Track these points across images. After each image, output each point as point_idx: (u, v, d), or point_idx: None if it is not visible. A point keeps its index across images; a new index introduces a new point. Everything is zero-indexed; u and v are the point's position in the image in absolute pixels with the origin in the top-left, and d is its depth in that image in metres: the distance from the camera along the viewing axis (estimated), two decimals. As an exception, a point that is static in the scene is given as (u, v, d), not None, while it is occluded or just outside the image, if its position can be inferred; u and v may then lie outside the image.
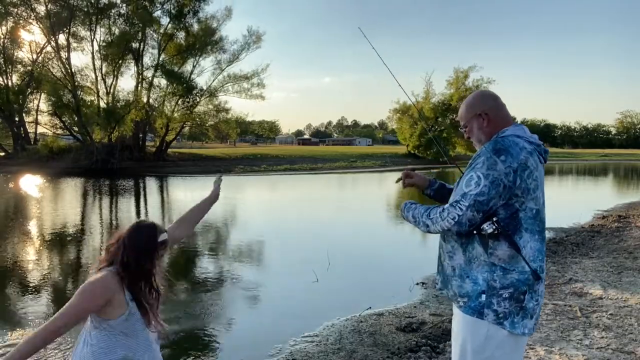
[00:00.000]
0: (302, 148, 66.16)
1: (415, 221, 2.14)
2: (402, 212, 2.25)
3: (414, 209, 2.16)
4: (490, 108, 2.13)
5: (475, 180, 1.94)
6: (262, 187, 23.66)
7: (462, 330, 2.04)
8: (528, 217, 1.96)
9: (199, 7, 37.45)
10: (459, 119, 2.24)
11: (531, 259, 1.95)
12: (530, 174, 1.95)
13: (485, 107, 2.13)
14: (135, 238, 2.12)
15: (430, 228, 2.06)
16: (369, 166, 40.33)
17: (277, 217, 13.68)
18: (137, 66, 37.10)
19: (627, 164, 53.91)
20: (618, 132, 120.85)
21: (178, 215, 2.66)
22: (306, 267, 7.18)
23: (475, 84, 45.69)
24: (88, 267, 7.58)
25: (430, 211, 2.07)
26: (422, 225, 2.09)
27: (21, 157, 32.29)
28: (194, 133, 53.20)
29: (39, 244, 9.20)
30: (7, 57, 34.22)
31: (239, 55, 39.42)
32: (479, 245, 1.98)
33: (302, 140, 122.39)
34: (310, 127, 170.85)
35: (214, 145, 62.84)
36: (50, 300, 5.86)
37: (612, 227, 10.41)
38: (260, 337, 4.77)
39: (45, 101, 35.55)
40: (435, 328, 4.61)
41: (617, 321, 4.49)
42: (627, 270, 6.47)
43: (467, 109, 2.18)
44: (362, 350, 4.13)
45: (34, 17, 33.91)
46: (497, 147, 1.96)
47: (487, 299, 1.95)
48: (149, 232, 2.15)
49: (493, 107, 2.13)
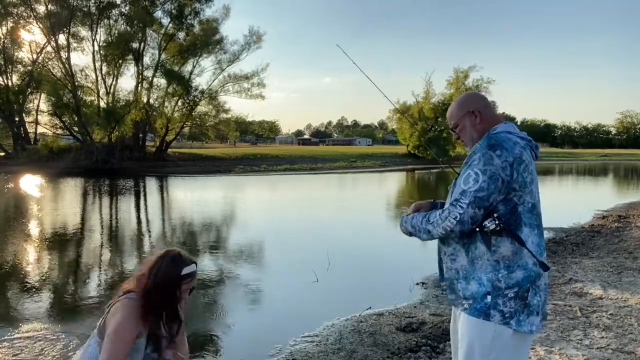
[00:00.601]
0: (302, 148, 66.16)
1: (416, 230, 2.11)
2: (401, 226, 2.21)
3: (412, 218, 2.14)
4: (482, 106, 2.15)
5: (473, 177, 1.93)
6: (262, 187, 23.65)
7: (468, 332, 2.01)
8: (526, 210, 1.97)
9: (200, 9, 37.51)
10: (449, 119, 2.23)
11: (534, 253, 1.95)
12: (526, 167, 1.96)
13: (478, 105, 2.14)
14: (159, 267, 2.09)
15: (432, 233, 2.04)
16: (369, 166, 40.32)
17: (277, 217, 13.67)
18: (137, 66, 37.12)
19: (627, 164, 53.90)
20: (618, 132, 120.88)
21: (178, 215, 2.64)
22: (306, 267, 7.18)
23: (475, 84, 45.73)
24: (88, 267, 7.58)
25: (430, 215, 2.06)
26: (424, 232, 2.07)
27: (21, 157, 32.29)
28: (194, 133, 53.25)
29: (39, 243, 9.19)
30: (7, 57, 34.20)
31: (240, 55, 39.47)
32: (481, 243, 1.97)
33: (302, 140, 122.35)
34: (310, 127, 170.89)
35: (214, 145, 62.84)
36: (50, 300, 5.85)
37: (612, 227, 10.40)
38: (260, 337, 4.77)
39: (45, 101, 35.61)
40: (435, 328, 4.61)
41: (617, 321, 4.49)
42: (627, 270, 6.47)
43: (458, 107, 2.18)
44: (362, 350, 4.13)
45: (34, 17, 33.94)
46: (492, 142, 1.97)
47: (492, 299, 1.94)
48: (173, 262, 2.12)
49: (484, 106, 2.16)
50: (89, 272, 7.31)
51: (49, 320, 5.10)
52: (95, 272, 7.31)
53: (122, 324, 1.99)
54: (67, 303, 5.79)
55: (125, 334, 1.98)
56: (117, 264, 7.87)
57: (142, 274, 2.12)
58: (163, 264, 2.10)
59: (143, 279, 2.08)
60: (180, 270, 2.10)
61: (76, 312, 5.43)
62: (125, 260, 8.15)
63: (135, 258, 8.47)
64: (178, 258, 2.13)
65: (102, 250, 8.97)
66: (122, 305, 2.04)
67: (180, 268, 2.11)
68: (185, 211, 14.62)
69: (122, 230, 11.39)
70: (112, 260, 8.17)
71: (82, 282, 6.80)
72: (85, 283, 6.73)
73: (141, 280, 2.09)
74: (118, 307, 2.05)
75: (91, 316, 5.26)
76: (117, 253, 8.77)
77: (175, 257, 2.13)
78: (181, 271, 2.10)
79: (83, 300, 5.90)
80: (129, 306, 2.04)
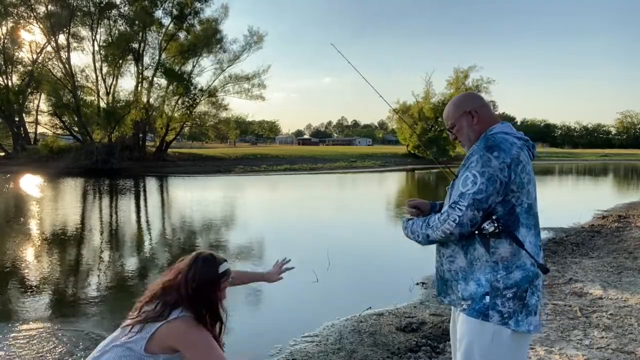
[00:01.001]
0: (302, 148, 66.15)
1: (415, 235, 2.12)
2: (404, 231, 2.22)
3: (412, 223, 2.15)
4: (479, 106, 2.14)
5: (471, 179, 1.93)
6: (262, 187, 23.65)
7: (467, 333, 2.02)
8: (523, 211, 1.97)
9: (200, 8, 37.52)
10: (446, 120, 2.22)
11: (532, 253, 1.95)
12: (524, 168, 1.96)
13: (475, 105, 2.14)
14: (195, 270, 2.04)
15: (431, 237, 2.04)
16: (369, 166, 40.30)
17: (277, 217, 13.67)
18: (138, 66, 37.13)
19: (627, 164, 53.89)
20: (618, 132, 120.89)
21: (178, 215, 2.64)
22: (306, 267, 7.17)
23: (475, 84, 45.73)
24: (88, 267, 7.58)
25: (429, 220, 2.06)
26: (423, 237, 2.08)
27: (21, 157, 32.29)
28: (194, 133, 53.28)
29: (39, 243, 9.19)
30: (7, 57, 34.20)
31: (240, 55, 39.46)
32: (480, 245, 1.97)
33: (302, 140, 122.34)
34: (310, 127, 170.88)
35: (214, 145, 62.85)
36: (50, 300, 5.85)
37: (612, 227, 10.40)
38: (260, 337, 4.77)
39: (45, 101, 35.61)
40: (435, 328, 4.61)
41: (617, 321, 4.49)
42: (627, 270, 6.47)
43: (455, 107, 2.17)
44: (362, 350, 4.13)
45: (34, 17, 33.93)
46: (489, 143, 1.97)
47: (491, 300, 1.94)
48: (209, 263, 2.09)
49: (481, 106, 2.15)
50: (89, 271, 7.30)
51: (48, 320, 5.09)
52: (95, 272, 7.30)
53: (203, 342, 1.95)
54: (67, 302, 5.78)
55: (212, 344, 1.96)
56: (116, 263, 7.87)
57: (174, 283, 2.04)
58: (198, 268, 2.06)
59: (181, 288, 2.01)
60: (216, 269, 2.08)
61: (76, 311, 5.43)
62: (124, 260, 8.15)
63: (135, 257, 8.48)
64: (211, 259, 2.10)
65: (101, 249, 8.97)
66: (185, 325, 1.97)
67: (216, 267, 2.08)
68: (185, 211, 14.62)
69: (122, 230, 11.39)
70: (111, 259, 8.16)
71: (81, 281, 6.80)
72: (85, 282, 6.73)
73: (179, 290, 2.01)
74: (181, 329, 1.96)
75: (91, 315, 5.26)
76: (117, 253, 8.76)
77: (208, 258, 2.10)
78: (217, 270, 2.08)
79: (83, 299, 5.89)
80: (189, 322, 1.98)
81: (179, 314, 1.99)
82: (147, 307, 2.04)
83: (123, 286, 6.59)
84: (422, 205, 2.33)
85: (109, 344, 2.01)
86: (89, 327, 4.91)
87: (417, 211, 2.31)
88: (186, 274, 2.04)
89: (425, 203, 2.34)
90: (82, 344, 4.40)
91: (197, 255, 2.11)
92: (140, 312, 2.05)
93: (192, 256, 2.12)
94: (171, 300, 2.01)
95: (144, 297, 2.11)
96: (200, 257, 2.10)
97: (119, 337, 2.01)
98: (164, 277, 2.13)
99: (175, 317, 1.98)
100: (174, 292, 2.03)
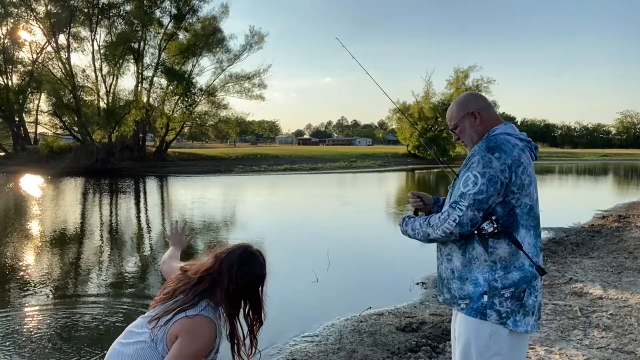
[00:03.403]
0: (302, 148, 66.15)
1: (415, 233, 2.12)
2: (401, 227, 2.22)
3: (413, 221, 2.16)
4: (482, 107, 2.14)
5: (472, 180, 1.94)
6: (262, 187, 23.65)
7: (464, 332, 2.02)
8: (523, 212, 1.97)
9: (198, 6, 37.52)
10: (449, 120, 2.22)
11: (530, 255, 1.96)
12: (525, 169, 1.97)
13: (478, 106, 2.14)
14: (246, 266, 1.94)
15: (431, 236, 2.05)
16: (369, 166, 40.28)
17: (277, 217, 13.67)
18: (138, 66, 37.11)
19: (627, 164, 53.88)
20: (618, 132, 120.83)
21: (178, 214, 2.63)
22: (306, 267, 7.18)
23: (475, 84, 45.70)
24: (88, 267, 7.58)
25: (430, 218, 2.07)
26: (423, 235, 2.08)
27: (21, 157, 32.28)
28: (194, 133, 53.12)
29: (39, 243, 9.19)
30: (7, 57, 34.19)
31: (241, 55, 39.40)
32: (478, 245, 1.98)
33: (302, 140, 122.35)
34: (310, 127, 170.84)
35: (214, 145, 62.82)
36: (50, 299, 5.86)
37: (612, 227, 10.40)
38: (260, 337, 4.76)
39: (45, 101, 35.57)
40: (435, 328, 4.61)
41: (617, 321, 4.49)
42: (627, 270, 6.47)
43: (458, 108, 2.18)
44: (362, 350, 4.13)
45: (34, 17, 33.92)
46: (490, 145, 1.97)
47: (489, 299, 1.95)
48: (261, 261, 2.01)
49: (484, 106, 2.15)
50: (89, 270, 7.30)
51: (48, 319, 5.10)
52: (95, 271, 7.30)
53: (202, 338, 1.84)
54: (67, 302, 5.78)
55: (203, 349, 1.85)
56: (116, 262, 7.86)
57: (218, 274, 1.90)
58: (254, 262, 1.97)
59: (222, 279, 1.89)
60: (265, 267, 2.00)
61: (76, 310, 5.43)
62: (124, 260, 8.14)
63: (134, 256, 8.47)
64: (262, 256, 2.02)
65: (101, 249, 8.96)
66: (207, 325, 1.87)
67: (263, 265, 2.01)
68: (185, 211, 14.62)
69: (122, 229, 11.39)
70: (111, 259, 8.16)
71: (81, 281, 6.80)
72: (84, 282, 6.73)
73: (217, 281, 1.89)
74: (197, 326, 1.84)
75: (91, 315, 5.26)
76: (117, 252, 8.76)
77: (260, 254, 2.02)
78: (264, 270, 2.00)
79: (83, 299, 5.90)
80: (211, 321, 1.88)
81: (204, 306, 1.89)
82: (181, 295, 1.92)
83: (123, 286, 6.59)
84: (425, 197, 2.35)
85: (135, 333, 1.89)
86: (87, 325, 4.92)
87: (419, 201, 2.33)
88: (231, 267, 1.91)
89: (429, 197, 2.37)
90: (82, 344, 4.41)
91: (248, 249, 2.00)
92: (174, 299, 1.91)
93: (242, 249, 2.00)
94: (203, 289, 1.90)
95: (177, 283, 1.96)
96: (253, 251, 2.01)
97: (144, 328, 1.89)
98: (201, 265, 1.99)
99: (195, 313, 1.86)
100: (208, 282, 1.91)
